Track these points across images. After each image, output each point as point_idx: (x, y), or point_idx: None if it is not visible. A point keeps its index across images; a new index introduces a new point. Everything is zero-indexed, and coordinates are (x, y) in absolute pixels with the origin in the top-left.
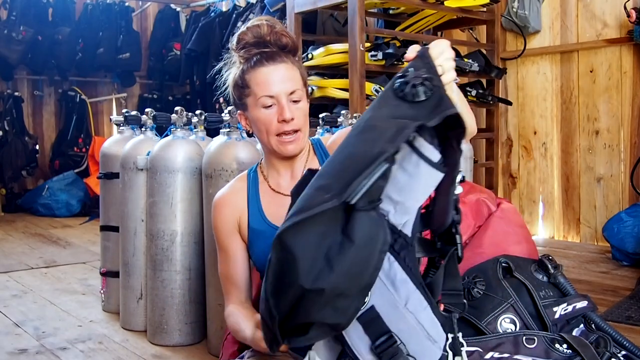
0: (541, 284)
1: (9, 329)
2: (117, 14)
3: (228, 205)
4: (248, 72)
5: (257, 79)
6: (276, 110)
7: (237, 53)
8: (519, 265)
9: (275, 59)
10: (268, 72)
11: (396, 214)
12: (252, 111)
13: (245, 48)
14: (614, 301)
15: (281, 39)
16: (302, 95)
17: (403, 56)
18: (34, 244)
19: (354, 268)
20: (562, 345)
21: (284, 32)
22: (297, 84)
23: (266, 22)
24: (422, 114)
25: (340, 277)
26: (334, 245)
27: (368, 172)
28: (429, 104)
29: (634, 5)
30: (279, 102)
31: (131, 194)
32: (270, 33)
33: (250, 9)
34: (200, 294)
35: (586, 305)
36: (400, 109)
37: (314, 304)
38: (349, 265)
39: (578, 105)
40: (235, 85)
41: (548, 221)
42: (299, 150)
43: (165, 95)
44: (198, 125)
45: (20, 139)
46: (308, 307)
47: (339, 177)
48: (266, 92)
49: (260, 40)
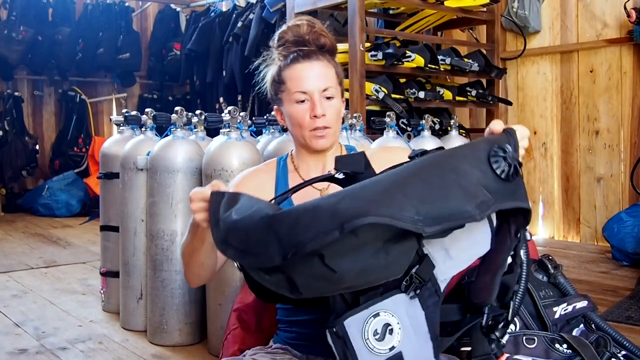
0: (541, 284)
1: (9, 329)
2: (117, 14)
3: (256, 181)
4: (284, 68)
5: (292, 75)
6: (309, 106)
7: (276, 50)
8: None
9: (311, 57)
10: (303, 68)
11: (445, 266)
12: (287, 106)
13: (284, 45)
14: (614, 301)
15: (319, 39)
16: (336, 94)
17: (403, 57)
18: (34, 244)
19: (368, 268)
20: (562, 345)
21: (323, 32)
22: (331, 81)
23: (306, 21)
24: (502, 193)
25: (352, 270)
26: (372, 249)
27: (452, 221)
28: (510, 187)
29: (634, 5)
30: (312, 98)
31: (131, 194)
32: (309, 32)
33: (250, 9)
34: (200, 294)
35: (586, 305)
36: (488, 178)
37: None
38: (365, 267)
39: (578, 105)
40: (273, 81)
41: (548, 221)
42: (329, 145)
43: (165, 95)
44: (198, 125)
45: (20, 139)
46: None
47: (422, 201)
48: (299, 88)
49: (299, 39)
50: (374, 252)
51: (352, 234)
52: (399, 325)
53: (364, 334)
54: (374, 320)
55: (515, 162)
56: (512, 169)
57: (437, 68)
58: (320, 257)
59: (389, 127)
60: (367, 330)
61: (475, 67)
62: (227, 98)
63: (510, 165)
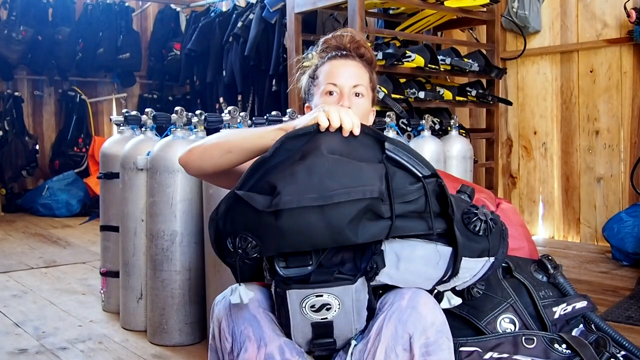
0: (541, 284)
1: (9, 329)
2: (117, 14)
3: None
4: (321, 66)
5: (326, 69)
6: (337, 99)
7: (317, 55)
8: (518, 265)
9: (347, 57)
10: (337, 64)
11: (388, 273)
12: (316, 99)
13: (325, 50)
14: (614, 301)
15: (359, 49)
16: (366, 94)
17: (403, 57)
18: (34, 244)
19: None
20: (561, 345)
21: (364, 45)
22: (362, 81)
23: (350, 33)
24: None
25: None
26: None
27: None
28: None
29: (634, 5)
30: (341, 91)
31: (131, 194)
32: (351, 42)
33: (250, 9)
34: (200, 294)
35: (586, 306)
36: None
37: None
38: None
39: (578, 105)
40: (308, 78)
41: (548, 221)
42: None
43: (165, 95)
44: (198, 125)
45: (20, 139)
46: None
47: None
48: (331, 80)
49: (340, 46)
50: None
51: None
52: (340, 305)
53: (302, 304)
54: (315, 299)
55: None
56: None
57: (437, 68)
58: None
59: (389, 127)
60: (306, 303)
61: (475, 67)
62: (227, 98)
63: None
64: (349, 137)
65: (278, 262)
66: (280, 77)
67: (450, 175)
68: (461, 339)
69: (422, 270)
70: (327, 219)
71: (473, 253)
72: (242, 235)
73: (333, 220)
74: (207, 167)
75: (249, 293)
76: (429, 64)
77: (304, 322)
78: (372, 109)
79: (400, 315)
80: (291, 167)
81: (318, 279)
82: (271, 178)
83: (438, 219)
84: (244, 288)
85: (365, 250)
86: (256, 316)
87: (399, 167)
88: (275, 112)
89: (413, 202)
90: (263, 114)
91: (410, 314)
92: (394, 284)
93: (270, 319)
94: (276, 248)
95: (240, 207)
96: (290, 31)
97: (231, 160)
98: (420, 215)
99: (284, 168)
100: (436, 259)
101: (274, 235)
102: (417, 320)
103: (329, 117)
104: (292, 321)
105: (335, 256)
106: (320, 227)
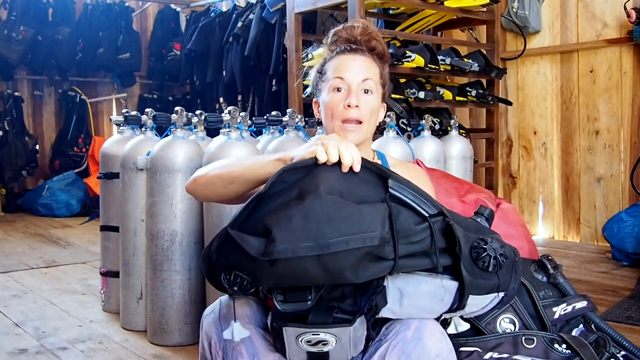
0: (541, 284)
1: (9, 329)
2: (117, 14)
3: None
4: (329, 60)
5: (334, 64)
6: (344, 96)
7: (327, 47)
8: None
9: (357, 52)
10: (346, 59)
11: (391, 308)
12: (323, 95)
13: (335, 43)
14: (614, 301)
15: (371, 41)
16: (375, 91)
17: (403, 57)
18: (34, 244)
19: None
20: (561, 345)
21: (376, 37)
22: (372, 76)
23: (362, 24)
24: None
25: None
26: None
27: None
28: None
29: (634, 5)
30: (349, 87)
31: (131, 194)
32: (362, 34)
33: (250, 9)
34: (200, 294)
35: (586, 306)
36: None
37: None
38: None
39: (578, 105)
40: (316, 72)
41: (548, 221)
42: (358, 141)
43: (165, 95)
44: (198, 125)
45: (20, 139)
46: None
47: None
48: (338, 74)
49: (351, 39)
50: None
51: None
52: (336, 341)
53: (298, 338)
54: (311, 336)
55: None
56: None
57: (437, 68)
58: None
59: (389, 127)
60: (303, 339)
61: (475, 67)
62: (227, 98)
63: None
64: (349, 172)
65: (276, 295)
66: (280, 77)
67: (450, 176)
68: (461, 339)
69: (427, 305)
70: (324, 266)
71: (481, 290)
72: (237, 273)
73: (330, 266)
74: (212, 198)
75: (244, 332)
76: (429, 64)
77: (299, 351)
78: (382, 105)
79: (404, 346)
80: (287, 209)
81: (316, 319)
82: (266, 219)
83: (444, 254)
84: (239, 326)
85: (367, 287)
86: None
87: (403, 205)
88: (275, 112)
89: (419, 243)
90: (263, 114)
91: (415, 346)
92: (397, 318)
93: (262, 335)
94: (273, 284)
95: (234, 245)
96: (290, 31)
97: (234, 191)
98: (425, 252)
99: (279, 210)
100: (441, 294)
101: (269, 277)
102: (421, 352)
103: (327, 151)
104: (287, 350)
105: (335, 290)
106: (317, 271)
